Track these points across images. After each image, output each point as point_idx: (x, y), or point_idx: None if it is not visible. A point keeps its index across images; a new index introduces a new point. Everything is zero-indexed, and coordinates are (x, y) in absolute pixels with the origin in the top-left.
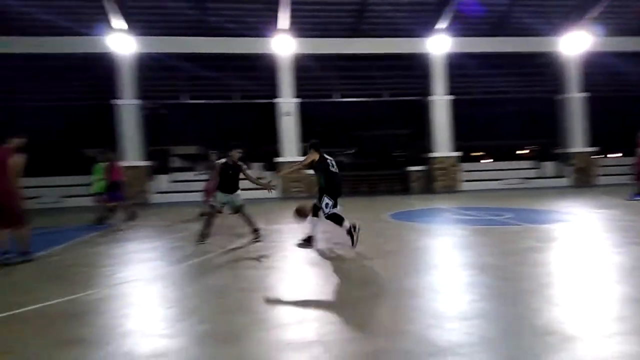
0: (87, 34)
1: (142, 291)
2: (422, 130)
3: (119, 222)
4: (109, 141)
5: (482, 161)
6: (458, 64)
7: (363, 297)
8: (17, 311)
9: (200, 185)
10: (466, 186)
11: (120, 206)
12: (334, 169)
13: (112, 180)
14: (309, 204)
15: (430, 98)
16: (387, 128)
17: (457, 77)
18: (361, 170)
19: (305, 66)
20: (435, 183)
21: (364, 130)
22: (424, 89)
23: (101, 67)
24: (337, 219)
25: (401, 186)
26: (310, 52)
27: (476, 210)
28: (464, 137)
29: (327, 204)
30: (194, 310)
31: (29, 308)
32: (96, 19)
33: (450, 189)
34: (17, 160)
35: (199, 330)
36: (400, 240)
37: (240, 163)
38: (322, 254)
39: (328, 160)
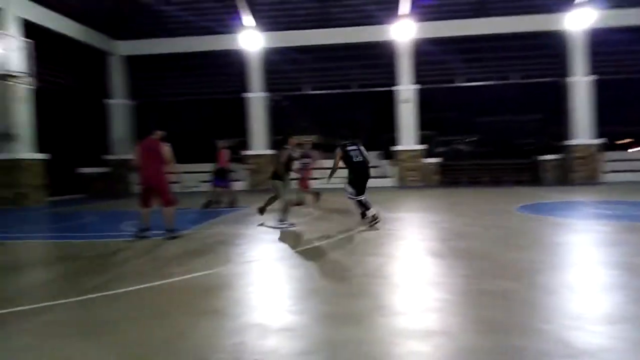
0: (221, 33)
1: (269, 269)
2: (556, 116)
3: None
4: (240, 132)
5: (630, 150)
6: (603, 40)
7: (490, 291)
8: (168, 281)
9: (319, 173)
10: (610, 178)
11: (224, 192)
12: (358, 159)
13: (219, 167)
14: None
15: (568, 79)
16: (515, 113)
17: (602, 55)
18: (483, 159)
19: (425, 51)
20: (572, 174)
21: (487, 116)
22: (560, 70)
23: (233, 63)
24: (361, 205)
25: (530, 177)
26: (431, 36)
27: (623, 204)
28: (608, 123)
29: (349, 192)
30: (316, 290)
31: (177, 279)
32: (229, 17)
33: (591, 181)
34: (168, 149)
35: (322, 310)
36: (531, 234)
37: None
38: (441, 244)
39: (350, 152)
